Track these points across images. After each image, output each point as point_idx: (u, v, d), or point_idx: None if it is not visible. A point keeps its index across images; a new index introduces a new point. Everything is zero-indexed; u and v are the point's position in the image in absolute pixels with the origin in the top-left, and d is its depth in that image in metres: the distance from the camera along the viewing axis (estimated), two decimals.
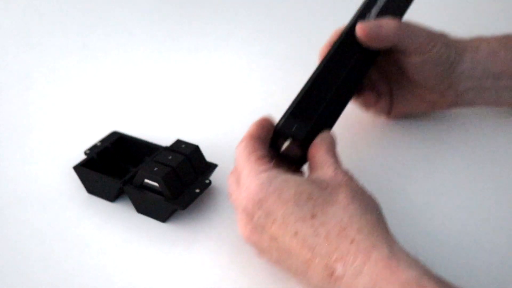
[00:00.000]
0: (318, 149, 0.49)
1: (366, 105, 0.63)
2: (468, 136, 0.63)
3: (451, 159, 0.60)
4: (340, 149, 0.51)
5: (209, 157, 0.57)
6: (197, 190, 0.53)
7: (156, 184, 0.52)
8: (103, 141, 0.59)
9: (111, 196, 0.55)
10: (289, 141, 0.50)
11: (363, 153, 0.61)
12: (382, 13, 0.60)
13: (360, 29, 0.57)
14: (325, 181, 0.45)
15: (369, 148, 0.62)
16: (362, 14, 0.60)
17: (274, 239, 0.43)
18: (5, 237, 0.52)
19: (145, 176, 0.52)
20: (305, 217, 0.42)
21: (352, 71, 0.56)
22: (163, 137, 0.60)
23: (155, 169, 0.52)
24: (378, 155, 0.61)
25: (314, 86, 0.54)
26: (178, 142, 0.56)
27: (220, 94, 0.72)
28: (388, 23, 0.57)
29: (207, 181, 0.55)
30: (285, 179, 0.44)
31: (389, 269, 0.39)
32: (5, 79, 0.75)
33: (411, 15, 0.61)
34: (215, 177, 0.57)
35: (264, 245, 0.44)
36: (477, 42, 0.61)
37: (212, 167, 0.56)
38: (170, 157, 0.53)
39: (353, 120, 0.64)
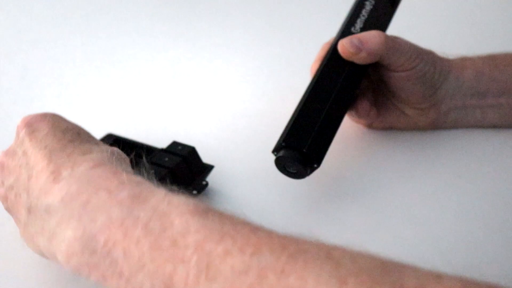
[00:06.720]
0: None
1: (359, 115, 0.61)
2: (453, 147, 0.62)
3: (434, 169, 0.59)
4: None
5: (205, 158, 0.57)
6: (194, 192, 0.53)
7: None
8: None
9: None
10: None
11: (345, 161, 0.60)
12: (366, 25, 0.59)
13: (340, 46, 0.56)
14: None
15: (352, 157, 0.61)
16: (347, 28, 0.59)
17: (25, 153, 0.45)
18: (6, 237, 0.52)
19: None
20: (63, 139, 0.45)
21: (344, 86, 0.55)
22: (159, 139, 0.60)
23: (151, 171, 0.52)
24: (362, 164, 0.60)
25: (307, 106, 0.54)
26: (174, 144, 0.56)
27: (217, 96, 0.71)
28: (374, 36, 0.56)
29: (204, 183, 0.54)
30: (66, 120, 0.48)
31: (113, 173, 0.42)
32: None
33: (401, 32, 0.60)
34: (212, 178, 0.56)
35: (14, 163, 0.46)
36: (462, 62, 0.61)
37: (208, 168, 0.56)
38: (166, 159, 0.53)
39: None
